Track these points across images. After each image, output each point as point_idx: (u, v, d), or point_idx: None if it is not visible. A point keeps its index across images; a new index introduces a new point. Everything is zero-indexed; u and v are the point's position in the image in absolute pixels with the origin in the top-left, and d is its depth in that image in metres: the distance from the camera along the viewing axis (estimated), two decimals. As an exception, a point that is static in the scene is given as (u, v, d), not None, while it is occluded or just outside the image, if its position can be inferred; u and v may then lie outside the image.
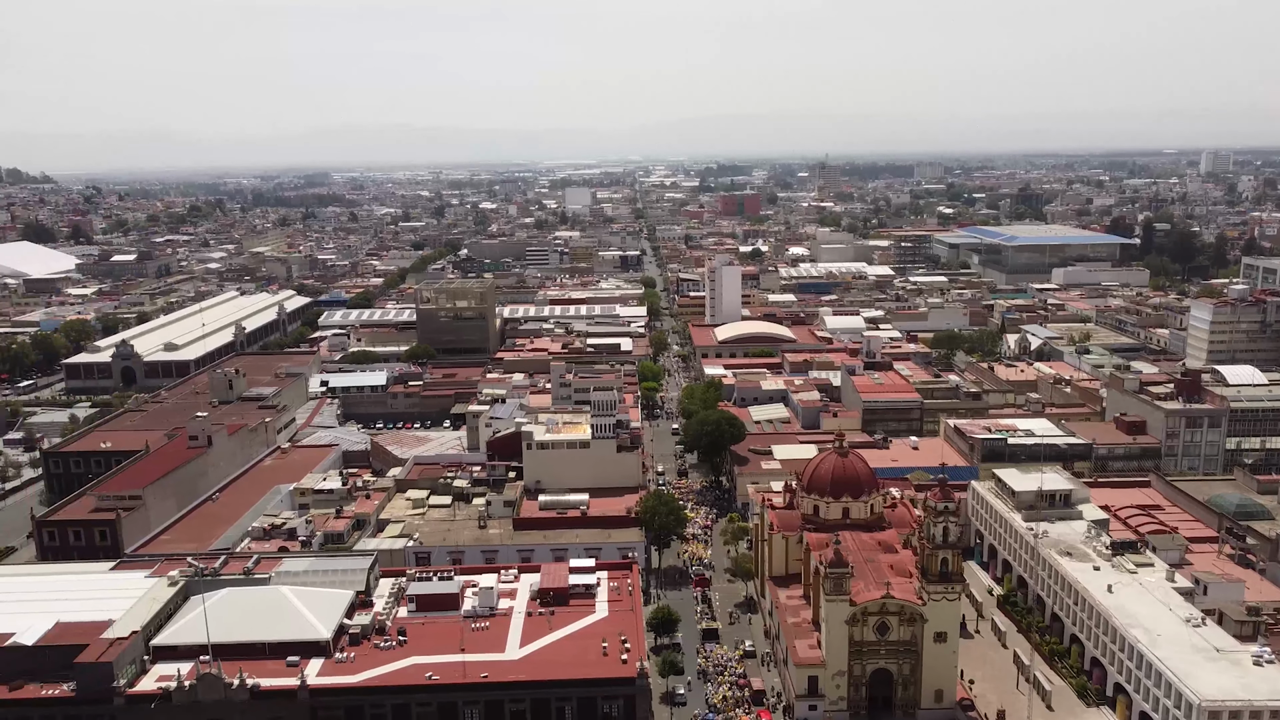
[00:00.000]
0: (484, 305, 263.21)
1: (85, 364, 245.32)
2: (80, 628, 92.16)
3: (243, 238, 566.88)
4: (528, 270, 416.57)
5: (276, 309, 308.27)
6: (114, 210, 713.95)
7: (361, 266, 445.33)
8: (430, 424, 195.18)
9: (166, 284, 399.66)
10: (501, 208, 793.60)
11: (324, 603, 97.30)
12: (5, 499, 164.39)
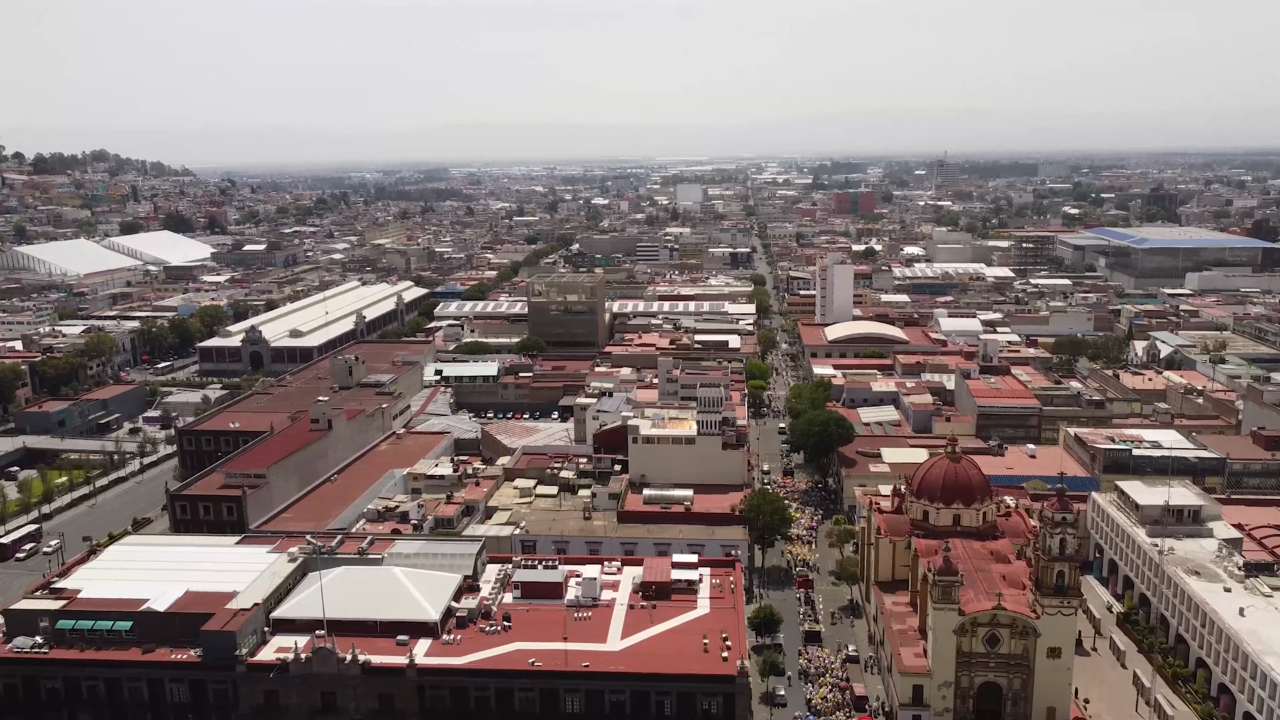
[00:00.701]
0: (594, 300, 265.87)
1: (217, 348, 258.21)
2: (207, 597, 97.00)
3: (365, 230, 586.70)
4: (638, 266, 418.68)
5: (395, 299, 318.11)
6: (247, 202, 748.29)
7: (476, 259, 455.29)
8: (539, 415, 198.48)
9: (293, 273, 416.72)
10: (613, 203, 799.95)
11: (433, 585, 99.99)
12: (143, 473, 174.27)
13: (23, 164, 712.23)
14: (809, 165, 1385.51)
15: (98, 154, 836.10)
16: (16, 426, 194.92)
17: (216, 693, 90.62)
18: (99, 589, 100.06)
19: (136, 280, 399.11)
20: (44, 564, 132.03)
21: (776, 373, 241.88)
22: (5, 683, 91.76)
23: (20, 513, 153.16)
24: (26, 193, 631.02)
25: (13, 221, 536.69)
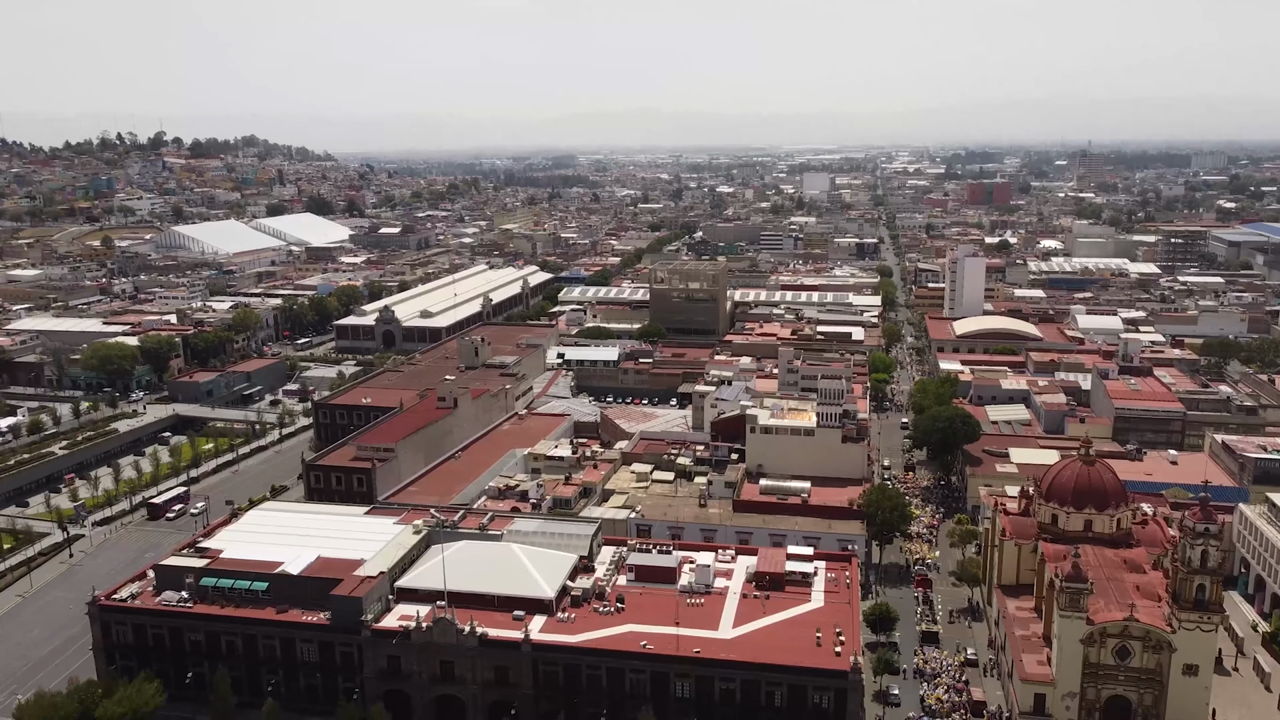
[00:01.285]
0: (715, 287, 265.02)
1: (353, 326, 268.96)
2: (337, 564, 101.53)
3: (494, 215, 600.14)
4: (761, 255, 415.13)
5: (521, 283, 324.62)
6: (384, 187, 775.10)
7: (601, 245, 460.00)
8: (657, 401, 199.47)
9: (425, 256, 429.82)
10: (738, 191, 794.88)
11: (550, 563, 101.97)
12: (282, 443, 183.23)
13: (181, 148, 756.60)
14: (942, 155, 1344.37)
15: (248, 140, 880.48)
16: (169, 395, 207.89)
17: (343, 655, 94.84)
18: (239, 550, 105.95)
19: (280, 260, 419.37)
20: (191, 524, 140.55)
21: (901, 366, 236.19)
22: (154, 632, 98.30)
23: (171, 475, 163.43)
24: (184, 176, 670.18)
25: (171, 203, 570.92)
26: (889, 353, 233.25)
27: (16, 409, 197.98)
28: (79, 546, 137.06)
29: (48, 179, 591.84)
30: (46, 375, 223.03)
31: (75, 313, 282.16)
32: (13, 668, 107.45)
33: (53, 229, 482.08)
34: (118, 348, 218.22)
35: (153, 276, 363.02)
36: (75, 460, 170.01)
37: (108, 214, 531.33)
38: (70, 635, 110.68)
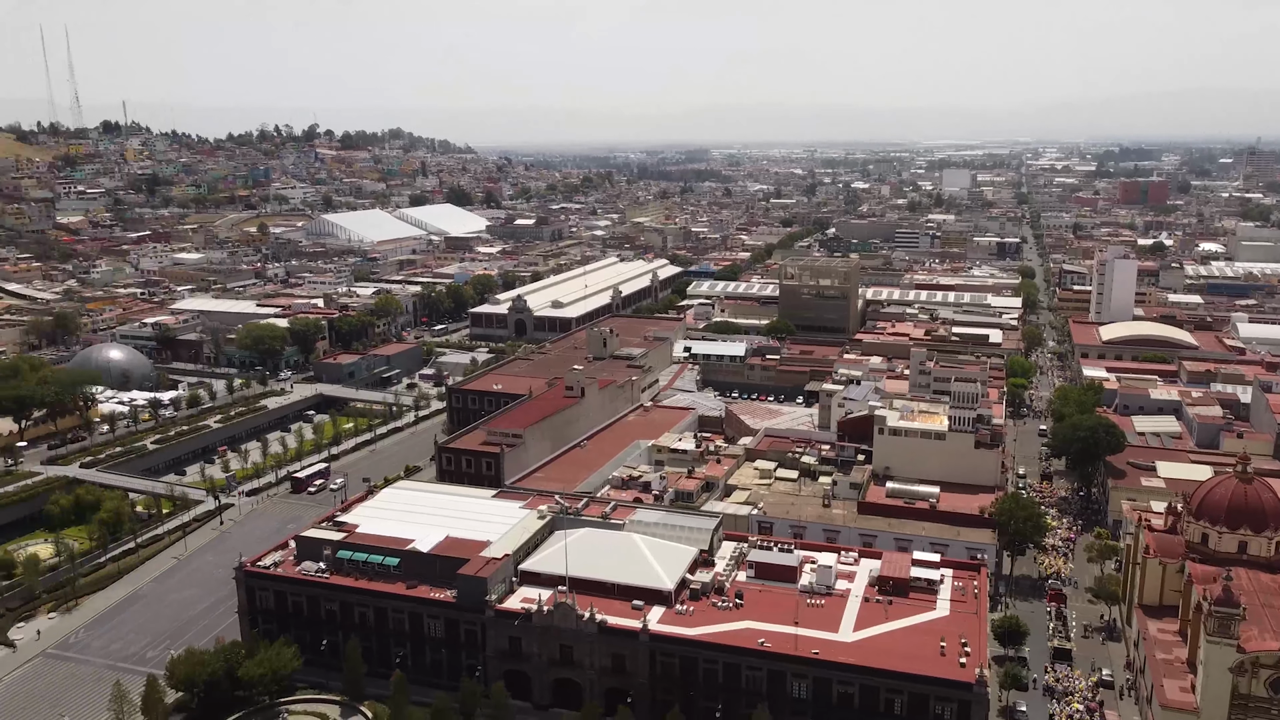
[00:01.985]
0: (847, 285, 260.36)
1: (487, 314, 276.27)
2: (464, 544, 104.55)
3: (626, 208, 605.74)
4: (895, 252, 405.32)
5: (650, 276, 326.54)
6: (520, 179, 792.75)
7: (731, 240, 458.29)
8: (783, 398, 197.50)
9: (558, 247, 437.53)
10: (874, 188, 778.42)
11: (670, 555, 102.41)
12: (417, 425, 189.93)
13: (332, 140, 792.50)
14: (1093, 151, 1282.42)
15: (394, 132, 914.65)
16: (314, 375, 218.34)
17: (467, 632, 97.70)
18: (373, 526, 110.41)
19: (421, 249, 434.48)
20: (330, 499, 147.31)
21: (1041, 372, 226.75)
22: (293, 600, 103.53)
23: (313, 452, 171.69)
24: (334, 166, 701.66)
25: (321, 192, 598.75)
26: (1028, 357, 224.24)
27: (178, 383, 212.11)
28: (229, 515, 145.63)
29: (212, 168, 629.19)
30: (205, 353, 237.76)
31: (232, 295, 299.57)
32: (167, 624, 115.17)
33: (214, 215, 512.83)
34: (269, 329, 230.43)
35: (303, 262, 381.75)
36: (228, 434, 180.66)
37: (264, 202, 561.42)
38: (219, 597, 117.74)
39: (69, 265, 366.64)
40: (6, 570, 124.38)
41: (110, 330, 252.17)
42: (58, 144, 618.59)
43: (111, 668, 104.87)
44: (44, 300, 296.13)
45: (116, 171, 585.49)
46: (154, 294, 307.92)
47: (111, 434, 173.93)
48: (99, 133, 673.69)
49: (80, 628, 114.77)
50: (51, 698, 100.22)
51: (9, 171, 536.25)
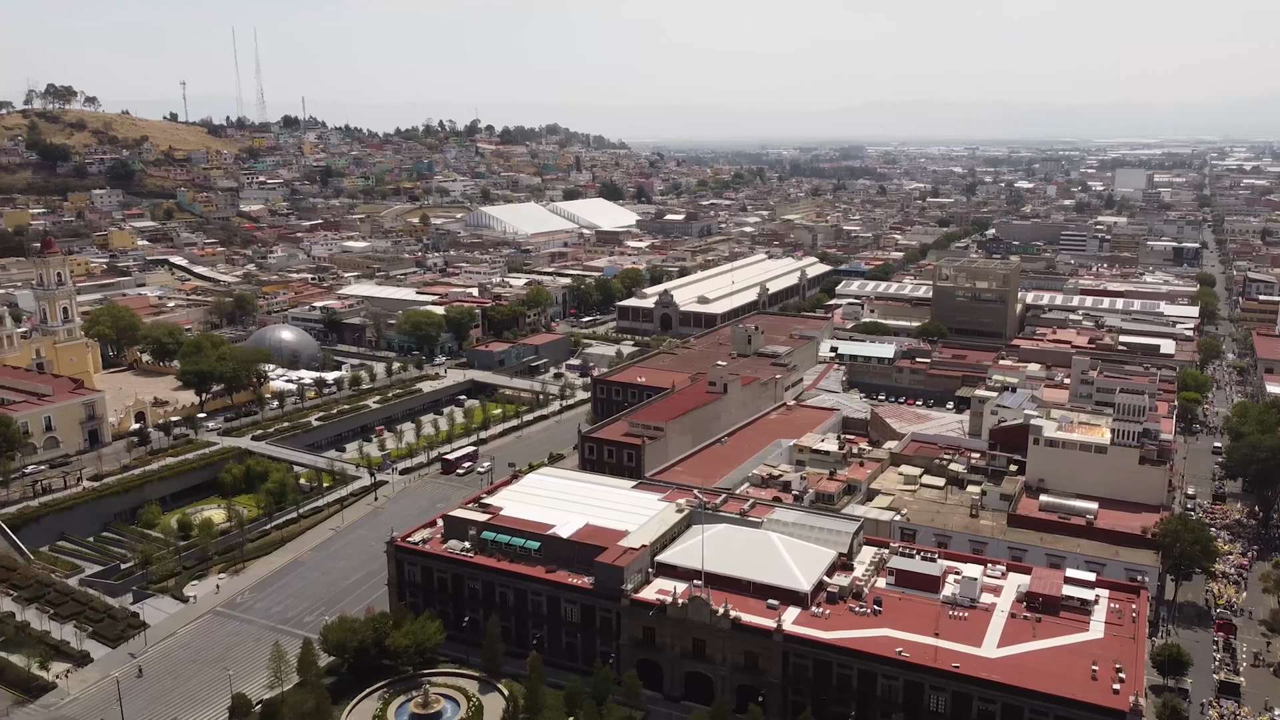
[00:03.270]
0: (1006, 288, 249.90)
1: (634, 307, 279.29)
2: (603, 532, 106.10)
3: (776, 205, 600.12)
4: (1060, 255, 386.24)
5: (798, 274, 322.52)
6: (672, 175, 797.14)
7: (884, 239, 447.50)
8: (932, 403, 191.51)
9: (706, 243, 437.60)
10: (1039, 187, 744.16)
11: (807, 556, 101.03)
12: (562, 413, 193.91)
13: (492, 135, 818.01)
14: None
15: (551, 128, 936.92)
16: (467, 361, 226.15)
17: (603, 619, 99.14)
18: (516, 509, 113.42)
19: (572, 241, 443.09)
20: (477, 481, 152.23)
21: (1218, 386, 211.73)
22: (439, 576, 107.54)
23: (463, 435, 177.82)
24: (493, 160, 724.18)
25: (480, 185, 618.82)
26: (1204, 370, 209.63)
27: (341, 364, 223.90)
28: (383, 491, 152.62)
29: (380, 162, 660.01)
30: (367, 336, 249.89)
31: (394, 282, 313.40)
32: (323, 591, 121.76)
33: (380, 206, 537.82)
34: (427, 315, 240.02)
35: (460, 252, 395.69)
36: (385, 414, 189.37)
37: (426, 194, 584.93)
38: (371, 569, 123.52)
39: (249, 250, 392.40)
40: (184, 531, 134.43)
41: (283, 312, 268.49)
42: (243, 137, 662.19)
43: (272, 628, 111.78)
44: (226, 283, 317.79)
45: (294, 164, 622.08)
46: (323, 279, 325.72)
47: (280, 409, 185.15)
48: (280, 127, 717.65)
49: (246, 589, 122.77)
50: (218, 652, 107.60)
51: (200, 163, 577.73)
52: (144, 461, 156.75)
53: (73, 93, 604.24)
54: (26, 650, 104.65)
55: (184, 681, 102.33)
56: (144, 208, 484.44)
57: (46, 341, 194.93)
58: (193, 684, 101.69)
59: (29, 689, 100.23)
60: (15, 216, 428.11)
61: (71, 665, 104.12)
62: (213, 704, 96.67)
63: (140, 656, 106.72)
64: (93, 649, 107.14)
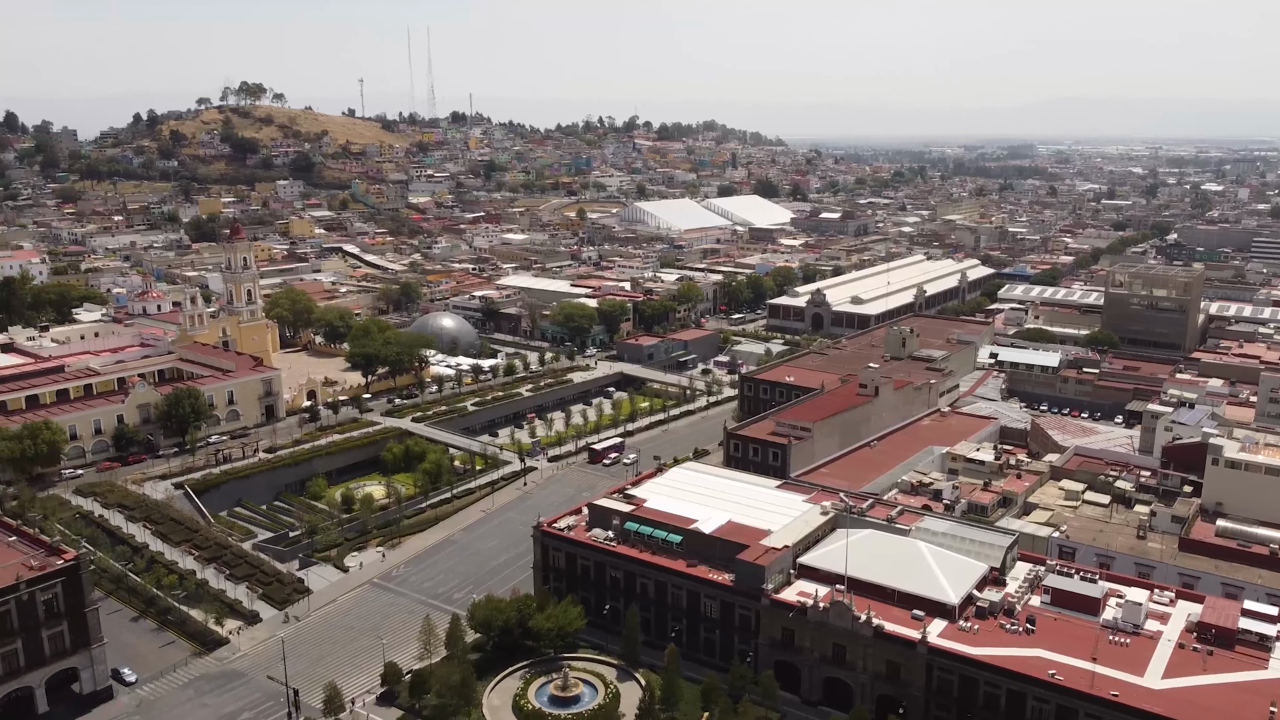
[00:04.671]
0: (1186, 297, 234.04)
1: (784, 306, 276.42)
2: (745, 530, 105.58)
3: (938, 205, 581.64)
4: (1250, 264, 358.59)
5: (958, 276, 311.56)
6: (829, 172, 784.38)
7: (1052, 243, 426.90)
8: (1099, 416, 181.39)
9: (862, 242, 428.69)
10: (1229, 190, 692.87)
11: (957, 568, 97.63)
12: (708, 409, 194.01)
13: (650, 132, 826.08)
14: None
15: (708, 124, 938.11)
16: (617, 354, 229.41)
17: (742, 617, 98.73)
18: (660, 502, 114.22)
19: (725, 238, 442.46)
20: (622, 472, 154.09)
21: None
22: (582, 563, 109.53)
23: (610, 426, 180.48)
24: (650, 157, 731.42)
25: (636, 181, 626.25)
26: None
27: (497, 352, 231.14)
28: (532, 477, 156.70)
29: (540, 157, 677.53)
30: (522, 326, 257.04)
31: (550, 274, 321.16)
32: (472, 570, 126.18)
33: (539, 200, 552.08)
34: (580, 308, 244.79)
35: (614, 246, 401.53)
36: (536, 402, 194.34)
37: (584, 189, 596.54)
38: (518, 552, 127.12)
39: (416, 240, 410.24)
40: (347, 505, 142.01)
41: (444, 300, 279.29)
42: (414, 132, 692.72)
43: (423, 602, 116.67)
44: (393, 271, 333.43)
45: (460, 158, 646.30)
46: (483, 270, 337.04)
47: (439, 394, 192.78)
48: (448, 123, 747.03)
49: (401, 563, 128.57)
50: (373, 622, 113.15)
51: (374, 156, 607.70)
52: (313, 437, 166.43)
53: (262, 90, 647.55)
54: (204, 606, 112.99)
55: (342, 646, 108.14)
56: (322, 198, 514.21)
57: (232, 321, 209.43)
58: (349, 649, 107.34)
59: (205, 641, 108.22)
60: (209, 205, 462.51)
61: (243, 623, 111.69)
62: (367, 670, 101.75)
63: (303, 620, 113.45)
64: (262, 609, 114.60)
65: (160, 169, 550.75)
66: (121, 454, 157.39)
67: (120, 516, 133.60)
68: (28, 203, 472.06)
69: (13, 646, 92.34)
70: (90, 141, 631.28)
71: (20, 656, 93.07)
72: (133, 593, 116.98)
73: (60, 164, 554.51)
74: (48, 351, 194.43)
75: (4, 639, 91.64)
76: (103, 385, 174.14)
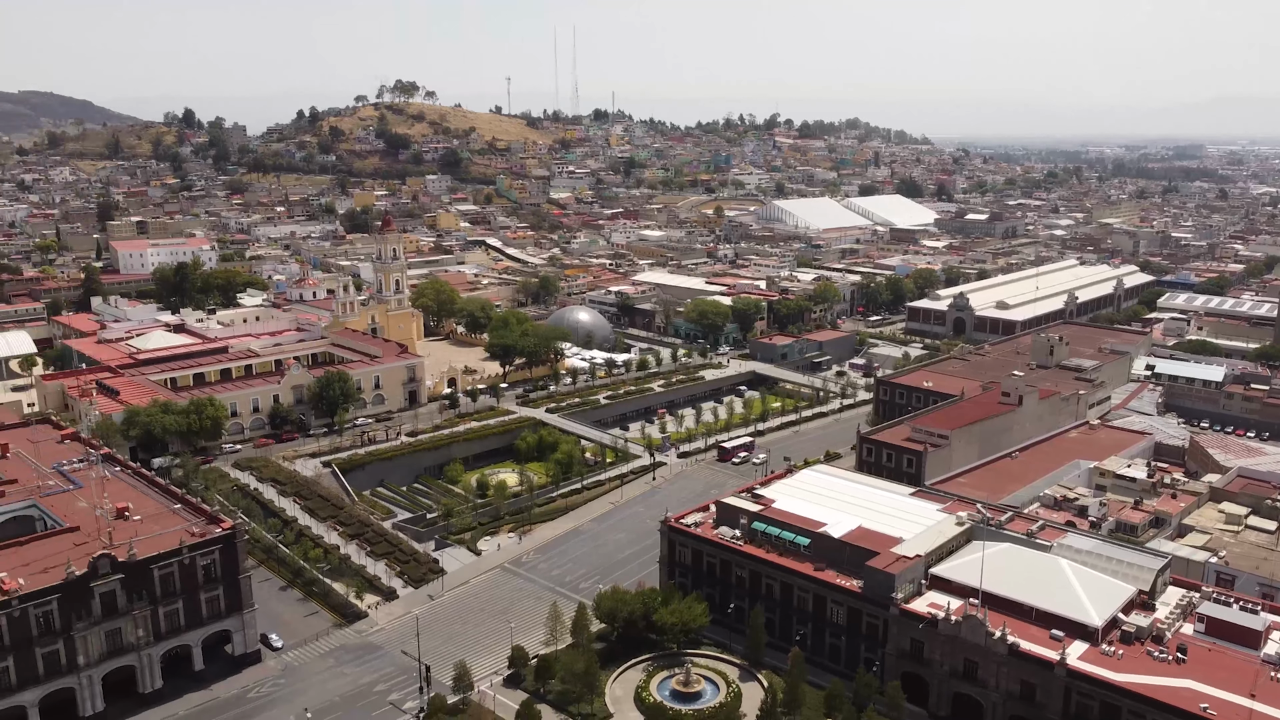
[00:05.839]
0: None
1: (925, 309, 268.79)
2: (875, 536, 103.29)
3: (1093, 208, 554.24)
4: None
5: (1114, 283, 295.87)
6: (976, 172, 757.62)
7: (1221, 250, 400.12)
8: (1267, 436, 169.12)
9: (1009, 245, 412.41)
10: None
11: (1101, 589, 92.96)
12: (841, 412, 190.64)
13: (791, 129, 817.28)
14: None
15: (851, 122, 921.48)
16: (750, 353, 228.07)
17: (869, 625, 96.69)
18: (788, 504, 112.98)
19: (864, 239, 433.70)
20: (751, 471, 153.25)
21: None
22: (708, 560, 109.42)
23: (740, 425, 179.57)
24: (790, 154, 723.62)
25: (775, 179, 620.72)
26: None
27: (631, 347, 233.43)
28: (661, 472, 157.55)
29: (680, 154, 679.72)
30: (656, 322, 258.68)
31: (685, 271, 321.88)
32: (599, 560, 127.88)
33: (677, 197, 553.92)
34: (714, 305, 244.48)
35: (751, 245, 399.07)
36: (667, 398, 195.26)
37: (722, 186, 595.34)
38: (644, 545, 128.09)
39: (555, 235, 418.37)
40: (482, 490, 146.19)
41: (581, 295, 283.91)
42: (557, 129, 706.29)
43: (550, 589, 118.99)
44: (533, 264, 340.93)
45: (601, 154, 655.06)
46: (619, 265, 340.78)
47: (573, 386, 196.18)
48: (590, 120, 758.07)
49: (531, 550, 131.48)
50: (502, 605, 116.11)
51: (518, 153, 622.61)
52: (452, 423, 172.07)
53: (415, 88, 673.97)
54: (346, 580, 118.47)
55: (472, 627, 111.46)
56: (468, 193, 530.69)
57: (380, 309, 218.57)
58: (479, 630, 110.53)
59: (346, 614, 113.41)
60: (363, 198, 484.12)
61: (380, 599, 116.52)
62: (495, 651, 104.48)
63: (437, 599, 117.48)
64: (399, 587, 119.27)
65: (319, 163, 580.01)
66: (276, 431, 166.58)
67: (273, 490, 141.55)
68: (201, 193, 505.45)
69: (174, 606, 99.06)
70: (258, 137, 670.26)
71: (181, 616, 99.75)
72: (281, 563, 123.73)
73: (230, 158, 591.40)
74: (214, 333, 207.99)
75: (167, 599, 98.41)
76: (261, 366, 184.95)
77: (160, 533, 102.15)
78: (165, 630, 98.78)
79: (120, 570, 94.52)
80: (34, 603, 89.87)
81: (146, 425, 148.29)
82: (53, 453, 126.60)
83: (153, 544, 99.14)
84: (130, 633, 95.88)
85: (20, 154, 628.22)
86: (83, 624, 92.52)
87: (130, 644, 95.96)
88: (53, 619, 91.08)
